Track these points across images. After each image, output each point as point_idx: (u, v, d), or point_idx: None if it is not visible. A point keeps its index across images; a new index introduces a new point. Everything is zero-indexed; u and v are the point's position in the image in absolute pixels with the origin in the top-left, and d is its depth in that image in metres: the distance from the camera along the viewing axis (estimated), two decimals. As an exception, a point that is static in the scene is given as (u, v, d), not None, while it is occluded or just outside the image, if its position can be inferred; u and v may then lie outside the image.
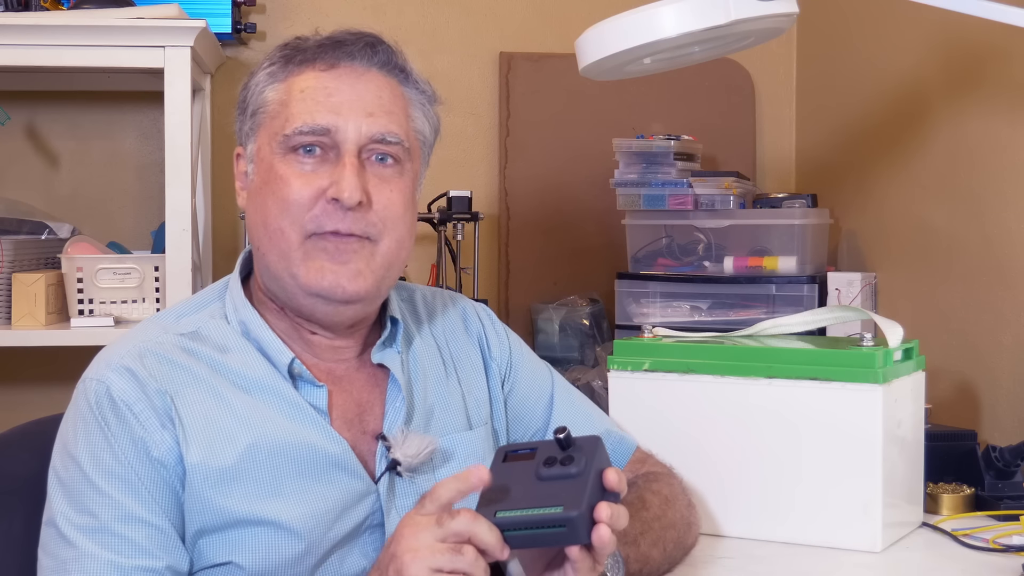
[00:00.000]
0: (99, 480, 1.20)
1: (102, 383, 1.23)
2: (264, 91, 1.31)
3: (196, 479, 1.22)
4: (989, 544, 1.49)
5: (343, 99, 1.28)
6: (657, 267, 2.38)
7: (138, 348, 1.27)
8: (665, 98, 2.69)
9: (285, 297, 1.31)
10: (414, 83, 1.35)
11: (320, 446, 1.26)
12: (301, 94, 1.28)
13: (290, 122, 1.27)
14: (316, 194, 1.26)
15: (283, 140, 1.28)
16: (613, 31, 1.50)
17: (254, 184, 1.32)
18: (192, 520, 1.22)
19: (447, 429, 1.37)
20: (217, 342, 1.30)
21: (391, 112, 1.30)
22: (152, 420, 1.22)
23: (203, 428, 1.24)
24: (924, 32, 2.16)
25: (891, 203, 2.30)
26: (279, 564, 1.22)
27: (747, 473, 1.55)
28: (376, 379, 1.36)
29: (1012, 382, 1.92)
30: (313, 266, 1.26)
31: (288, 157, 1.28)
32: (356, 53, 1.30)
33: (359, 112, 1.28)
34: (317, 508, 1.24)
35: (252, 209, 1.32)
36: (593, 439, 1.12)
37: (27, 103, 2.58)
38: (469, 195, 2.39)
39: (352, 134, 1.27)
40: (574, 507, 1.06)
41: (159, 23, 2.13)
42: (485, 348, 1.48)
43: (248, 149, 1.33)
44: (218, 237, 2.62)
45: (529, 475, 1.11)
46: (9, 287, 2.19)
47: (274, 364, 1.29)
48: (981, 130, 2.01)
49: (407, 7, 2.71)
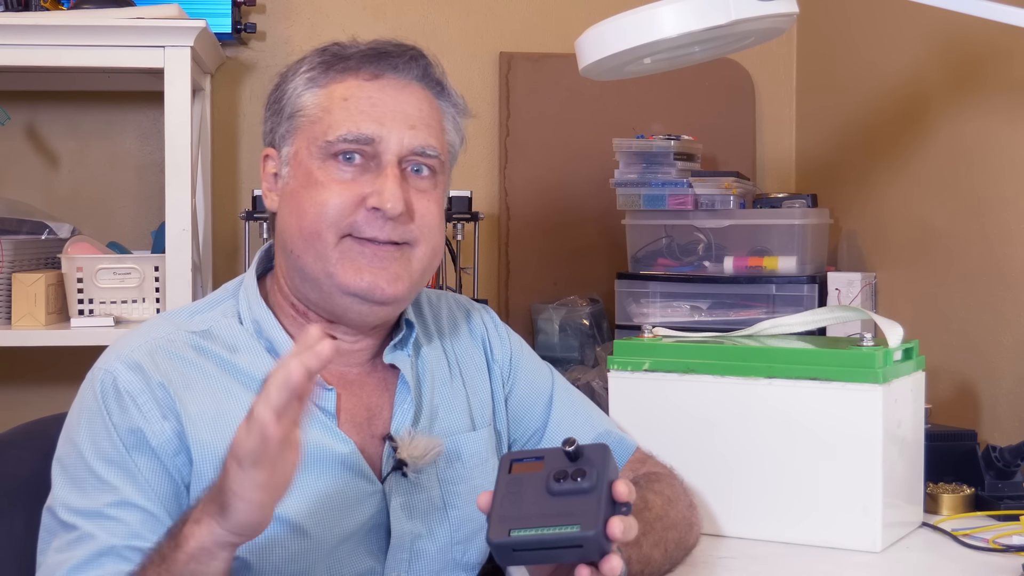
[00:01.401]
0: (98, 467, 1.22)
1: (110, 373, 1.26)
2: (303, 95, 1.32)
3: (205, 469, 1.24)
4: (989, 544, 1.49)
5: (387, 110, 1.30)
6: (657, 267, 2.38)
7: (149, 344, 1.29)
8: (665, 98, 2.69)
9: (318, 298, 1.32)
10: (448, 96, 1.38)
11: (327, 446, 1.28)
12: (344, 102, 1.30)
13: (333, 129, 1.29)
14: (356, 201, 1.28)
15: (325, 146, 1.29)
16: (613, 31, 1.50)
17: (289, 187, 1.32)
18: None
19: (451, 430, 1.38)
20: (227, 341, 1.32)
21: (430, 125, 1.33)
22: (154, 411, 1.24)
23: (213, 419, 1.25)
24: (924, 32, 2.16)
25: (891, 203, 2.30)
26: (284, 559, 1.23)
27: (747, 473, 1.56)
28: (386, 382, 1.37)
29: (1012, 382, 1.92)
30: (351, 267, 1.28)
31: (328, 163, 1.29)
32: (400, 65, 1.32)
33: (402, 124, 1.30)
34: (322, 505, 1.25)
35: (287, 211, 1.32)
36: (601, 448, 1.12)
37: (27, 103, 2.58)
38: (469, 195, 2.39)
39: (395, 145, 1.29)
40: (591, 526, 1.06)
41: (159, 23, 2.13)
42: (488, 350, 1.49)
43: (283, 152, 1.34)
44: (218, 237, 2.62)
45: (539, 488, 1.10)
46: (9, 287, 2.19)
47: None
48: (981, 130, 2.01)
49: (407, 7, 2.71)
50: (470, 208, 2.39)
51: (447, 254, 2.44)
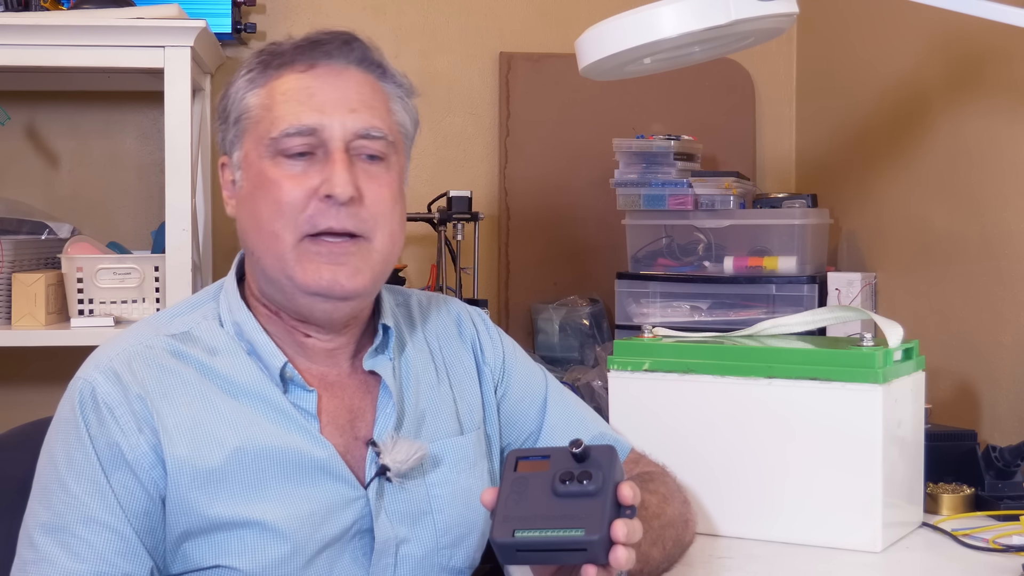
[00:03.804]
0: (68, 480, 1.22)
1: (88, 383, 1.26)
2: (245, 97, 1.32)
3: (182, 481, 1.23)
4: (989, 544, 1.49)
5: (326, 97, 1.29)
6: (657, 267, 2.38)
7: (127, 352, 1.28)
8: (665, 98, 2.69)
9: (282, 299, 1.32)
10: (391, 77, 1.36)
11: (306, 451, 1.27)
12: (283, 96, 1.30)
13: (276, 125, 1.28)
14: (308, 194, 1.27)
15: (270, 143, 1.29)
16: (613, 31, 1.50)
17: (244, 190, 1.33)
18: (176, 523, 1.23)
19: (438, 434, 1.37)
20: (207, 344, 1.31)
21: (373, 107, 1.31)
22: (130, 424, 1.24)
23: (189, 430, 1.25)
24: (924, 32, 2.16)
25: (891, 203, 2.30)
26: (267, 565, 1.23)
27: (747, 473, 1.55)
28: (368, 385, 1.36)
29: (1012, 382, 1.92)
30: (310, 267, 1.27)
31: (277, 160, 1.29)
32: (333, 52, 1.31)
33: (342, 109, 1.29)
34: (301, 509, 1.25)
35: (244, 215, 1.33)
36: (608, 449, 1.12)
37: (27, 103, 2.58)
38: (469, 195, 2.39)
39: (338, 131, 1.28)
40: (595, 530, 1.06)
41: (159, 23, 2.13)
42: (478, 353, 1.48)
43: (234, 157, 1.34)
44: (218, 237, 2.62)
45: (545, 489, 1.10)
46: (9, 287, 2.19)
47: (265, 367, 1.30)
48: (981, 130, 2.01)
49: (407, 7, 2.71)
50: (470, 208, 2.39)
51: (447, 254, 2.44)
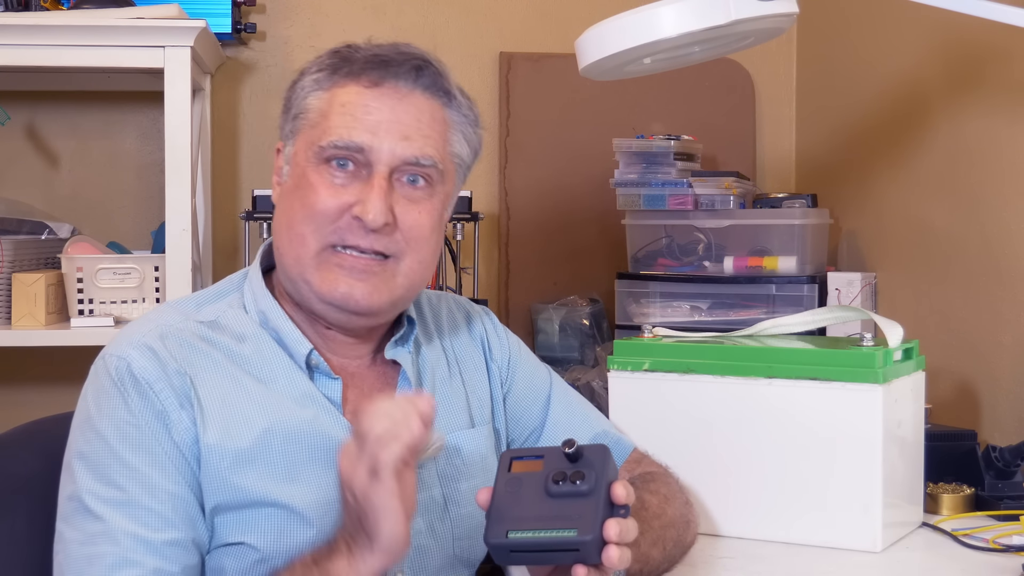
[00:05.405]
0: (124, 452, 1.21)
1: (123, 359, 1.25)
2: (308, 97, 1.33)
3: (213, 459, 1.24)
4: (989, 544, 1.49)
5: (381, 119, 1.29)
6: (657, 267, 2.38)
7: (160, 329, 1.29)
8: (665, 98, 2.69)
9: (300, 298, 1.33)
10: (457, 106, 1.36)
11: (333, 435, 1.28)
12: (342, 107, 1.30)
13: (327, 134, 1.29)
14: (342, 208, 1.28)
15: (318, 151, 1.29)
16: (613, 31, 1.50)
17: (287, 185, 1.34)
18: (209, 498, 1.24)
19: (451, 427, 1.39)
20: (235, 331, 1.32)
21: (428, 136, 1.31)
22: (171, 399, 1.24)
23: (220, 409, 1.26)
24: (924, 32, 2.16)
25: (891, 203, 2.30)
26: (290, 548, 1.24)
27: (747, 473, 1.56)
28: (387, 376, 1.38)
29: (1012, 382, 1.92)
30: (328, 277, 1.28)
31: (321, 167, 1.29)
32: (401, 74, 1.31)
33: (395, 134, 1.29)
34: (328, 495, 1.25)
35: (281, 208, 1.34)
36: (600, 449, 1.12)
37: (27, 103, 2.58)
38: (469, 195, 2.39)
39: (385, 155, 1.28)
40: (588, 531, 1.06)
41: (159, 23, 2.13)
42: (487, 350, 1.50)
43: (287, 149, 1.36)
44: (218, 237, 2.62)
45: (538, 489, 1.10)
46: (9, 287, 2.19)
47: (291, 354, 1.32)
48: (981, 130, 2.01)
49: (407, 7, 2.71)
50: (470, 208, 2.39)
51: (447, 254, 2.44)
